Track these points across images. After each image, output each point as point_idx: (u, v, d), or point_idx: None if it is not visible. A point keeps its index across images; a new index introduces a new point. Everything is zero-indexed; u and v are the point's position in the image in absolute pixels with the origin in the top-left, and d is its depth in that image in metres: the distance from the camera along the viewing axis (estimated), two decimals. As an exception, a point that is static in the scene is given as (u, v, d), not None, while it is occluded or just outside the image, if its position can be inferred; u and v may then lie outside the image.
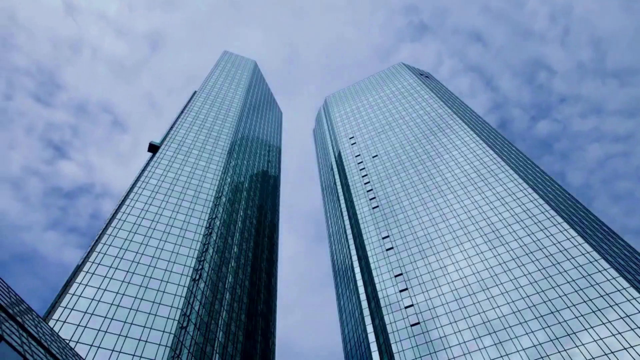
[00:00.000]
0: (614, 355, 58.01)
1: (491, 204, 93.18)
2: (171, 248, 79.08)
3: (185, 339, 64.89)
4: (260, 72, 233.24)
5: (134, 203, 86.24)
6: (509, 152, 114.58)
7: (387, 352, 74.24)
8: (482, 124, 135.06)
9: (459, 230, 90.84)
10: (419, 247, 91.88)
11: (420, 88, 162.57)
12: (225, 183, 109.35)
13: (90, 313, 61.23)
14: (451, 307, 76.08)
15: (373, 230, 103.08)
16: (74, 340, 56.56)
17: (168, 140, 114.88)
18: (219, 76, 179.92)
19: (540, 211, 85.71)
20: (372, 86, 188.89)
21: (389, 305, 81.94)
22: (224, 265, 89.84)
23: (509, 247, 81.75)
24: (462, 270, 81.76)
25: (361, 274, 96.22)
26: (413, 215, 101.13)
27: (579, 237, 76.79)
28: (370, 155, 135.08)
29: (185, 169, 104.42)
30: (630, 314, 61.78)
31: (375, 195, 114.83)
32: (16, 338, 25.38)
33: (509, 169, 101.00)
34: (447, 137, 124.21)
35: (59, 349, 34.05)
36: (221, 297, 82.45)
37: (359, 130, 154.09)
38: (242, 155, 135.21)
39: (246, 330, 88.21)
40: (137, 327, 62.18)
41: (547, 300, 69.30)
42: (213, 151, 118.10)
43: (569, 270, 72.07)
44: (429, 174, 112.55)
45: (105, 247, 73.45)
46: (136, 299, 66.42)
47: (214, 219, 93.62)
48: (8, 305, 29.29)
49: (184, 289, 71.66)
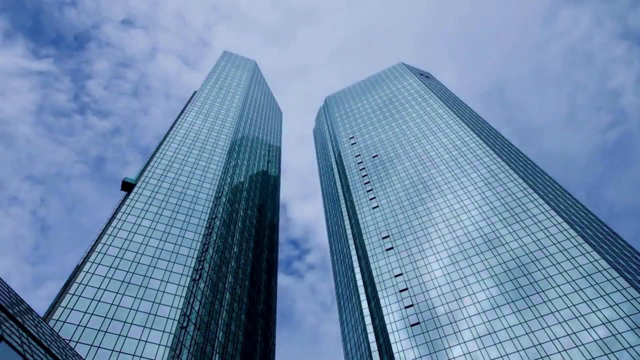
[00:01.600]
0: (614, 355, 58.00)
1: (491, 204, 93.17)
2: (171, 248, 79.09)
3: (185, 339, 64.90)
4: (260, 72, 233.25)
5: (134, 203, 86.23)
6: (509, 153, 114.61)
7: (387, 352, 74.24)
8: (482, 123, 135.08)
9: (459, 230, 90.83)
10: (419, 247, 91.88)
11: (420, 88, 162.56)
12: (225, 183, 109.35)
13: (90, 313, 61.23)
14: (451, 307, 76.08)
15: (373, 230, 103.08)
16: (74, 340, 56.57)
17: (168, 140, 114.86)
18: (219, 76, 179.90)
19: (540, 211, 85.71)
20: (372, 86, 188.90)
21: (389, 305, 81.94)
22: (224, 265, 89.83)
23: (509, 247, 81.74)
24: (462, 270, 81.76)
25: (361, 274, 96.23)
26: (413, 215, 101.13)
27: (579, 237, 76.79)
28: (370, 155, 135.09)
29: (185, 169, 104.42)
30: (630, 313, 61.79)
31: (375, 195, 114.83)
32: (16, 338, 25.39)
33: (509, 169, 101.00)
34: (447, 137, 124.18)
35: (59, 349, 34.05)
36: (221, 297, 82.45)
37: (359, 130, 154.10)
38: (242, 155, 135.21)
39: (246, 330, 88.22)
40: (137, 327, 62.19)
41: (547, 300, 69.30)
42: (213, 151, 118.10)
43: (569, 270, 72.07)
44: (429, 173, 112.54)
45: (105, 247, 73.46)
46: (136, 299, 66.43)
47: (214, 219, 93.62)
48: (8, 305, 29.29)
49: (184, 289, 71.68)
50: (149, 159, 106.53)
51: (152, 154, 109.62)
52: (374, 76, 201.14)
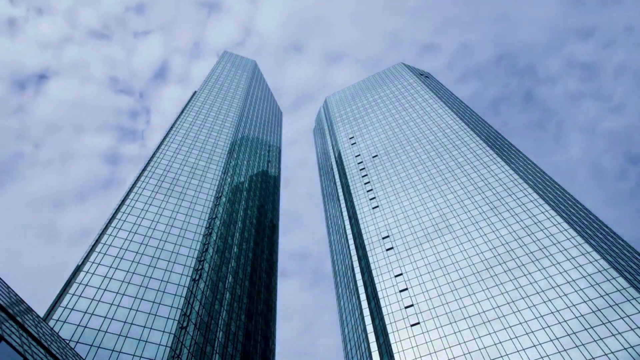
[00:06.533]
0: (614, 355, 58.02)
1: (491, 204, 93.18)
2: (171, 248, 79.09)
3: (185, 339, 64.89)
4: (260, 72, 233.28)
5: (134, 203, 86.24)
6: (509, 153, 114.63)
7: (387, 352, 74.25)
8: (483, 124, 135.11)
9: (459, 230, 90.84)
10: (419, 247, 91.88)
11: (420, 88, 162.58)
12: (225, 183, 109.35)
13: (90, 313, 61.24)
14: (451, 307, 76.08)
15: (373, 230, 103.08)
16: (74, 340, 56.56)
17: (168, 140, 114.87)
18: (219, 76, 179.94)
19: (540, 211, 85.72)
20: (372, 86, 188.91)
21: (389, 305, 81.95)
22: (224, 265, 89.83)
23: (509, 247, 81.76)
24: (462, 270, 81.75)
25: (361, 274, 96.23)
26: (413, 215, 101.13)
27: (578, 237, 76.81)
28: (370, 155, 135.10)
29: (185, 169, 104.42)
30: (630, 313, 61.81)
31: (375, 195, 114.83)
32: (16, 338, 25.39)
33: (508, 169, 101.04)
34: (447, 137, 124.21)
35: (59, 349, 34.05)
36: (221, 297, 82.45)
37: (359, 130, 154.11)
38: (242, 155, 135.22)
39: (246, 330, 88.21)
40: (137, 327, 62.20)
41: (547, 300, 69.30)
42: (213, 151, 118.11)
43: (569, 271, 72.10)
44: (429, 174, 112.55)
45: (105, 247, 73.47)
46: (136, 299, 66.44)
47: (214, 219, 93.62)
48: (8, 305, 29.29)
49: (184, 289, 71.69)
50: (149, 159, 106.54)
51: (152, 154, 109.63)
52: (373, 76, 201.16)
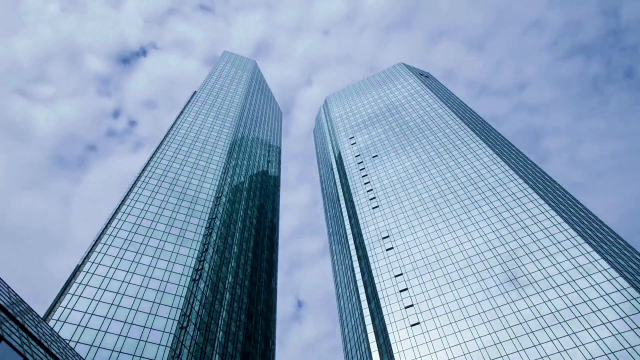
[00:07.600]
0: (614, 355, 58.00)
1: (491, 204, 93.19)
2: (171, 248, 79.09)
3: (185, 339, 64.90)
4: (260, 72, 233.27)
5: (134, 203, 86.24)
6: (509, 153, 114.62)
7: (387, 352, 74.25)
8: (482, 124, 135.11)
9: (459, 230, 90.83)
10: (419, 247, 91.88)
11: (420, 88, 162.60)
12: (225, 183, 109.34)
13: (90, 313, 61.24)
14: (451, 307, 76.08)
15: (373, 230, 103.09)
16: (74, 340, 56.57)
17: (168, 140, 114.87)
18: (219, 76, 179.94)
19: (540, 211, 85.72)
20: (372, 86, 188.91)
21: (389, 305, 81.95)
22: (224, 265, 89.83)
23: (509, 247, 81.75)
24: (462, 270, 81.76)
25: (361, 274, 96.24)
26: (413, 215, 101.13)
27: (579, 237, 76.82)
28: (370, 155, 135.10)
29: (185, 169, 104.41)
30: (630, 314, 61.79)
31: (375, 195, 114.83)
32: (16, 338, 25.39)
33: (508, 169, 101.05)
34: (447, 137, 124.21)
35: (59, 349, 34.05)
36: (221, 297, 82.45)
37: (359, 130, 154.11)
38: (242, 155, 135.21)
39: (246, 330, 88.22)
40: (137, 327, 62.20)
41: (547, 300, 69.29)
42: (213, 151, 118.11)
43: (569, 271, 72.09)
44: (429, 173, 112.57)
45: (105, 247, 73.47)
46: (136, 299, 66.44)
47: (214, 219, 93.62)
48: (8, 305, 29.29)
49: (184, 289, 71.69)
50: (149, 159, 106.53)
51: (152, 154, 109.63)
52: (374, 76, 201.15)
